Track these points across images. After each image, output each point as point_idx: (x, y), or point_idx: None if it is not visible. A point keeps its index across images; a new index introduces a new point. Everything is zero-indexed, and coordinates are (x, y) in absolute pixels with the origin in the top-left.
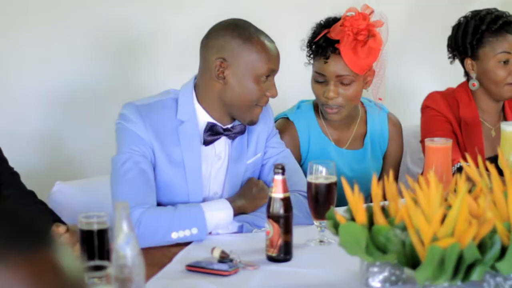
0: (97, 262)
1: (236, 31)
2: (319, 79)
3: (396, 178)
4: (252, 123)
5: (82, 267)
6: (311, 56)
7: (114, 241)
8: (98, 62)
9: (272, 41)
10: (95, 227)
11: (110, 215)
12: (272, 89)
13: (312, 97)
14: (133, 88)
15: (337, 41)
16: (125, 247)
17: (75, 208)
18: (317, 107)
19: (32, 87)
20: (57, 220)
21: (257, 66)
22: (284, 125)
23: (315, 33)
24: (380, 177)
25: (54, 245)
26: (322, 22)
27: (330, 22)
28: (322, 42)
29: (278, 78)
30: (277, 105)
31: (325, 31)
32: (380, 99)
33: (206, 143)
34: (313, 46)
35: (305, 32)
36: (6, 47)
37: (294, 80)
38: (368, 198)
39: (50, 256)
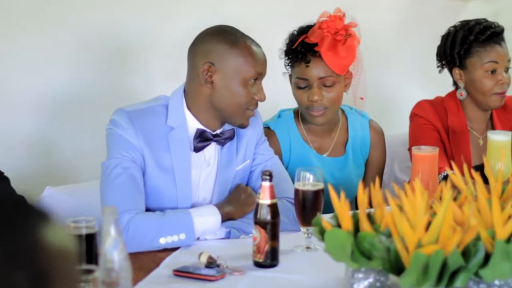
0: (85, 266)
1: (223, 36)
2: (302, 85)
3: (380, 185)
4: (243, 126)
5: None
6: (290, 64)
7: (102, 245)
8: (89, 68)
9: (258, 46)
10: (84, 232)
11: (100, 220)
12: (260, 93)
13: (294, 105)
14: (124, 94)
15: (316, 45)
16: (113, 251)
17: (65, 213)
18: (298, 115)
19: (23, 92)
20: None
21: (245, 69)
22: (265, 134)
23: (291, 41)
24: (363, 184)
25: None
26: (295, 31)
27: (304, 29)
28: (301, 48)
29: (267, 85)
30: (271, 111)
31: (302, 36)
32: (361, 98)
33: (196, 149)
34: (292, 54)
35: None
36: None
37: (285, 87)
38: (351, 204)
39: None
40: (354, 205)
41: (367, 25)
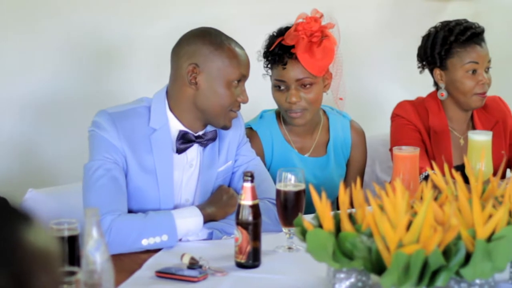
0: (68, 268)
1: (208, 37)
2: (280, 86)
3: (361, 185)
4: (226, 127)
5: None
6: (269, 66)
7: (84, 247)
8: (72, 70)
9: (242, 48)
10: (66, 234)
11: (82, 222)
12: (243, 94)
13: (275, 106)
14: (107, 96)
15: (293, 47)
16: (95, 253)
17: (48, 215)
18: (280, 116)
19: (5, 94)
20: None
21: (229, 71)
22: (248, 135)
23: (270, 43)
24: (344, 184)
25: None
26: (274, 33)
27: (283, 31)
28: (278, 50)
29: (248, 86)
30: (253, 112)
31: (279, 39)
32: (341, 99)
33: (179, 151)
34: (270, 56)
35: None
36: None
37: (267, 88)
38: (332, 204)
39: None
40: (336, 205)
41: (348, 26)
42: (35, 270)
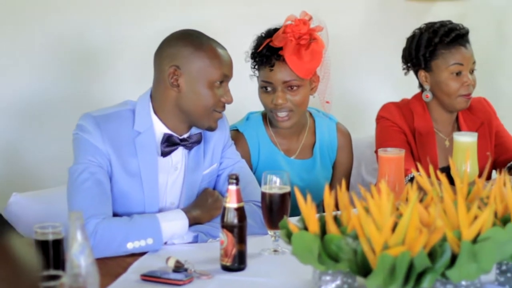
0: (52, 272)
1: (188, 39)
2: (267, 88)
3: (347, 187)
4: (211, 129)
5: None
6: (256, 67)
7: (69, 251)
8: (56, 74)
9: (224, 48)
10: (50, 238)
11: (67, 225)
12: (227, 94)
13: (261, 108)
14: (91, 99)
15: (281, 48)
16: (79, 257)
17: (32, 219)
18: (266, 118)
19: None
20: (11, 232)
21: (210, 71)
22: (235, 136)
23: (258, 44)
24: (330, 186)
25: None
26: (263, 34)
27: (271, 32)
28: (266, 51)
29: (234, 88)
30: (238, 114)
31: (268, 40)
32: (327, 102)
33: (164, 154)
34: (257, 57)
35: None
36: None
37: (253, 89)
38: (318, 207)
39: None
40: (322, 207)
41: (334, 29)
42: (15, 278)
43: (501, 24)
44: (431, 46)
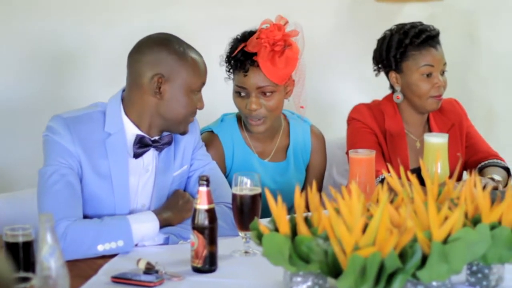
0: (22, 274)
1: (171, 47)
2: (241, 92)
3: (320, 189)
4: (185, 133)
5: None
6: (231, 71)
7: (39, 253)
8: (28, 76)
9: (201, 56)
10: (20, 240)
11: (37, 227)
12: (201, 101)
13: (235, 110)
14: (62, 101)
15: (255, 54)
16: (49, 259)
17: (2, 221)
18: (241, 120)
19: None
20: None
21: (193, 81)
22: (209, 138)
23: (232, 48)
24: (304, 189)
25: None
26: (238, 36)
27: (246, 36)
28: (240, 56)
29: (206, 89)
30: (211, 116)
31: (242, 45)
32: (302, 107)
33: (136, 155)
34: (232, 61)
35: None
36: None
37: (224, 91)
38: (291, 209)
39: None
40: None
41: (305, 30)
42: None
43: (471, 25)
44: (402, 47)
